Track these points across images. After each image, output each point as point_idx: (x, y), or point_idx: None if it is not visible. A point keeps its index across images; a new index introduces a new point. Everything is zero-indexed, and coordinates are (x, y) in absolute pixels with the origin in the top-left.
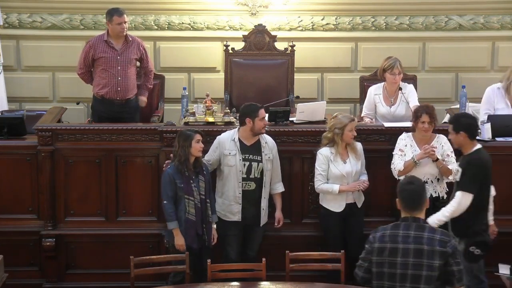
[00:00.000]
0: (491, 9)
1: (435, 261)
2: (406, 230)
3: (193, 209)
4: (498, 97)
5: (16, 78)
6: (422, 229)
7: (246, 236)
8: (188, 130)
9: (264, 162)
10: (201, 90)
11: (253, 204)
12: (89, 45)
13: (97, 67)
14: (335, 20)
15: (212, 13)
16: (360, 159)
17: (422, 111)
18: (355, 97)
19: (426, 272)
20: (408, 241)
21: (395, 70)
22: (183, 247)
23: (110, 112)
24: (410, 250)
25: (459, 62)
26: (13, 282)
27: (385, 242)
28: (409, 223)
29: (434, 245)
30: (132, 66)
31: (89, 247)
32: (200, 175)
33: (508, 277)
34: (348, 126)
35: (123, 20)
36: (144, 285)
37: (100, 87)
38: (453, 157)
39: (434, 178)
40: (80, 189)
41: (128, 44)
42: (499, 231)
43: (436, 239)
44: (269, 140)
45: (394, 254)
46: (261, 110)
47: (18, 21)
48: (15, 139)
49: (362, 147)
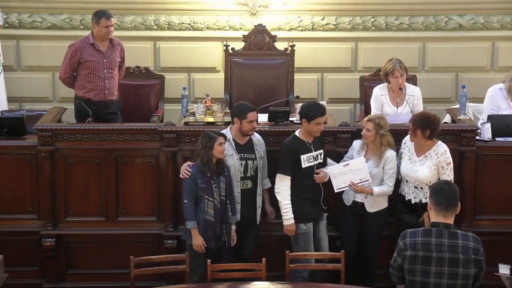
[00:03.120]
0: (491, 9)
1: (470, 269)
2: (439, 238)
3: (212, 210)
4: (500, 98)
5: (16, 78)
6: (455, 237)
7: (241, 237)
8: (212, 131)
9: (258, 159)
10: (201, 90)
11: (249, 202)
12: (75, 48)
13: (83, 70)
14: (335, 20)
15: (212, 13)
16: (381, 166)
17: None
18: (355, 97)
19: (461, 281)
20: (443, 250)
21: (396, 73)
22: (200, 247)
23: (95, 113)
24: (445, 259)
25: (459, 62)
26: (13, 282)
27: (417, 250)
28: (441, 229)
29: (469, 254)
30: (116, 68)
31: (89, 247)
32: (222, 176)
33: (508, 277)
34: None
35: (110, 24)
36: (144, 285)
37: (87, 90)
38: (448, 169)
39: (425, 185)
40: (80, 189)
41: (114, 47)
42: (499, 231)
43: (471, 247)
44: (259, 138)
45: (428, 263)
46: (252, 112)
47: (18, 21)
48: (15, 139)
49: (393, 157)
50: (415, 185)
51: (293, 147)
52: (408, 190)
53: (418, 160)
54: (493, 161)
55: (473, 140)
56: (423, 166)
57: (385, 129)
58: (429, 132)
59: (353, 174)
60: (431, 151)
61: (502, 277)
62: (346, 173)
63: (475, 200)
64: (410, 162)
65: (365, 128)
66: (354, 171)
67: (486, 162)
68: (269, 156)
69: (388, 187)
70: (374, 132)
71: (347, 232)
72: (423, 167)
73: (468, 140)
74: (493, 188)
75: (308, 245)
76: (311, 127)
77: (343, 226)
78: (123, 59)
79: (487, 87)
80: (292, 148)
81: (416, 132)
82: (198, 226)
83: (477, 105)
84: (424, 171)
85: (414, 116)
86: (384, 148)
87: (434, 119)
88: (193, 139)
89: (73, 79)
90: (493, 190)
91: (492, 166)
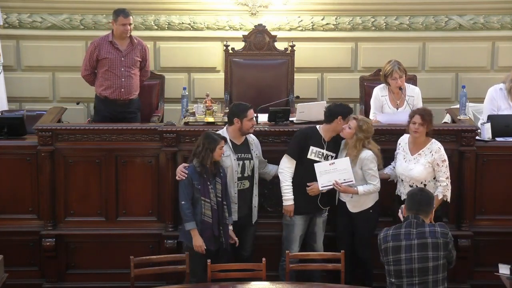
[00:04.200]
0: (491, 9)
1: (440, 251)
2: (408, 228)
3: (209, 211)
4: (500, 98)
5: (16, 78)
6: (423, 225)
7: (239, 237)
8: (215, 134)
9: (254, 159)
10: (201, 90)
11: (246, 202)
12: (94, 45)
13: (101, 67)
14: (335, 20)
15: (212, 13)
16: (358, 167)
17: (416, 112)
18: (355, 97)
19: (432, 263)
20: (411, 238)
21: (395, 75)
22: (201, 248)
23: (113, 112)
24: (414, 245)
25: (459, 62)
26: (13, 282)
27: (387, 241)
28: (410, 220)
29: (438, 238)
30: (136, 68)
31: (89, 247)
32: (217, 177)
33: (508, 277)
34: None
35: (128, 22)
36: (144, 285)
37: (104, 87)
38: (443, 167)
39: (419, 183)
40: (80, 189)
41: (133, 46)
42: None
43: (438, 231)
44: (254, 137)
45: (398, 252)
46: (250, 110)
47: (18, 21)
48: (15, 139)
49: (370, 157)
50: (410, 184)
51: (307, 134)
52: (404, 190)
53: (412, 158)
54: (493, 161)
55: (473, 140)
56: (417, 164)
57: (365, 134)
58: (431, 128)
59: (338, 174)
60: (425, 149)
61: (502, 277)
62: (331, 171)
63: (475, 200)
64: (405, 161)
65: (347, 123)
66: (339, 171)
67: (486, 162)
68: (270, 156)
69: (373, 186)
70: (353, 132)
71: (339, 232)
72: (418, 165)
73: (468, 140)
74: (493, 188)
75: (289, 236)
76: (336, 125)
77: (336, 226)
78: (145, 59)
79: (487, 87)
80: (305, 134)
81: (424, 127)
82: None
83: (477, 105)
84: (418, 169)
85: (421, 111)
86: (358, 150)
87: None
88: (193, 139)
89: (94, 77)
90: (493, 190)
91: (492, 166)
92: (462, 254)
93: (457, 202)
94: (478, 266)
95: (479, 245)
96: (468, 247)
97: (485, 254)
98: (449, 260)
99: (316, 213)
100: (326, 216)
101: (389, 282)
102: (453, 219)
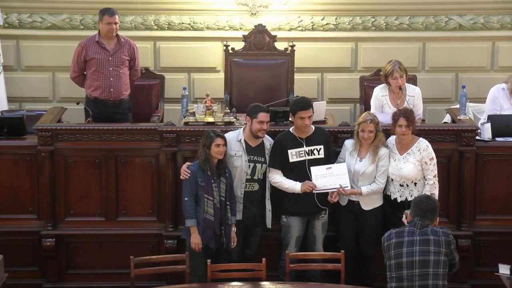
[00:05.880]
0: (491, 9)
1: (442, 248)
2: (411, 227)
3: (212, 209)
4: (503, 98)
5: (16, 78)
6: (427, 226)
7: (246, 237)
8: (213, 132)
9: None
10: (201, 90)
11: (256, 205)
12: (81, 46)
13: (89, 68)
14: (335, 20)
15: (212, 13)
16: (376, 163)
17: (400, 114)
18: (355, 97)
19: (433, 257)
20: (414, 235)
21: (396, 74)
22: (198, 246)
23: (103, 113)
24: (416, 240)
25: (459, 62)
26: (13, 282)
27: (391, 239)
28: (416, 221)
29: (440, 236)
30: (124, 67)
31: (89, 247)
32: (222, 177)
33: (508, 277)
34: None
35: (113, 21)
36: (144, 285)
37: (93, 88)
38: (431, 164)
39: (410, 182)
40: (80, 189)
41: (121, 45)
42: (499, 231)
43: (440, 231)
44: (271, 142)
45: (400, 246)
46: (262, 113)
47: (18, 21)
48: (15, 139)
49: (387, 155)
50: (401, 183)
51: (281, 141)
52: (394, 189)
53: (401, 157)
54: (493, 161)
55: (473, 140)
56: (407, 163)
57: (379, 127)
58: (415, 126)
59: (335, 178)
60: (413, 148)
61: (502, 277)
62: (327, 176)
63: (475, 200)
64: (394, 161)
65: (366, 130)
66: (335, 175)
67: (486, 162)
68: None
69: (376, 185)
70: (375, 132)
71: (344, 232)
72: (407, 164)
73: (468, 140)
74: (493, 188)
75: (286, 236)
76: (296, 121)
77: (340, 226)
78: (134, 58)
79: (487, 87)
80: (279, 142)
81: (410, 128)
82: (198, 226)
83: (477, 105)
84: (408, 168)
85: (404, 112)
86: (380, 145)
87: None
88: (193, 139)
89: (83, 78)
90: (493, 190)
91: (492, 166)
92: (462, 254)
93: (457, 202)
94: (478, 266)
95: (479, 245)
96: (468, 247)
97: (485, 254)
98: (451, 262)
99: (313, 215)
100: (325, 219)
101: (389, 276)
102: (453, 219)
